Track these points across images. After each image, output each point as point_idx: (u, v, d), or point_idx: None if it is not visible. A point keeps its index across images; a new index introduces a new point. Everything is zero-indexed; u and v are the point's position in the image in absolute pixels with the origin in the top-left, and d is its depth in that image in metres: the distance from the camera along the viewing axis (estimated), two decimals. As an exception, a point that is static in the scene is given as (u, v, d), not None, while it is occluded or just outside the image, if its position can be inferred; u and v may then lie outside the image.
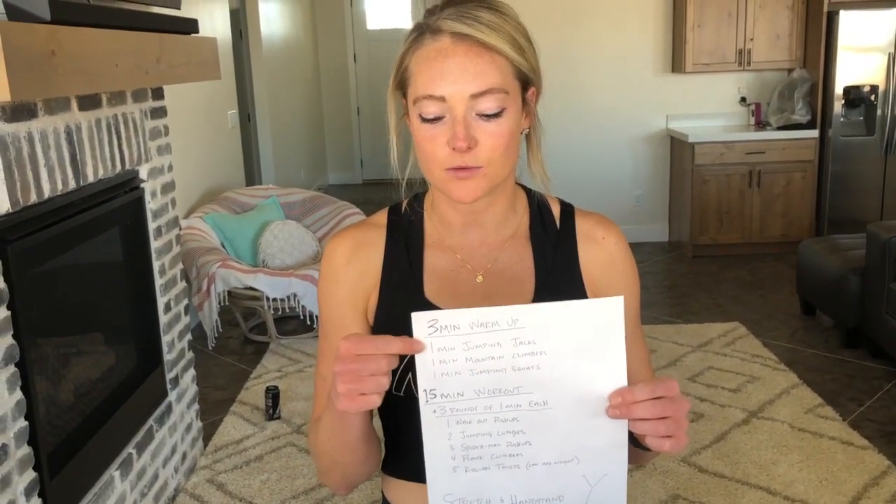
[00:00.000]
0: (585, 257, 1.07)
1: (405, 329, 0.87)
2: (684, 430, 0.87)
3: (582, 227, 1.09)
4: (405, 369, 1.00)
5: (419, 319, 0.85)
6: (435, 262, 1.06)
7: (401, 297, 1.05)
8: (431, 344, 0.86)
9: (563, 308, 0.86)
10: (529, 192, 1.11)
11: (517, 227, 1.08)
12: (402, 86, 1.00)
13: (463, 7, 0.95)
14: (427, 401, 0.87)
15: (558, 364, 0.87)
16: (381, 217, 1.11)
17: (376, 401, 0.85)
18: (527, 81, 0.99)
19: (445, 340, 0.85)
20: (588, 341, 0.86)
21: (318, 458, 1.06)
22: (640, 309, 1.12)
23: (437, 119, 0.94)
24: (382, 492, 1.15)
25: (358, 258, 1.07)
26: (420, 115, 0.95)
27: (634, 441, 0.94)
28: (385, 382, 0.85)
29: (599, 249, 1.07)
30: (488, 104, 0.93)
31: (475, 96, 0.93)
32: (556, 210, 1.10)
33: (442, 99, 0.93)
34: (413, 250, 1.07)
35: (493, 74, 0.93)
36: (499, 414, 0.88)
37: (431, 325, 0.85)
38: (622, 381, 0.87)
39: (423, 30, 0.97)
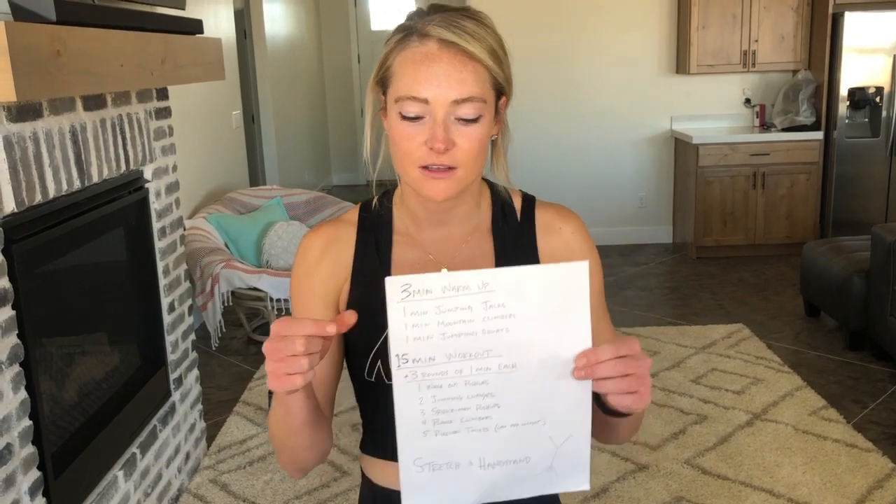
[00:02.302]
0: (544, 247, 1.12)
1: (375, 320, 0.92)
2: (647, 386, 0.90)
3: (542, 218, 1.14)
4: (375, 356, 1.05)
5: (392, 284, 0.86)
6: (403, 255, 1.11)
7: (371, 289, 1.07)
8: (404, 309, 0.87)
9: (532, 271, 0.89)
10: (493, 187, 1.16)
11: (480, 221, 1.13)
12: (383, 83, 1.04)
13: (449, 15, 0.99)
14: (399, 366, 0.88)
15: (526, 326, 0.89)
16: (353, 214, 1.16)
17: (299, 381, 0.87)
18: (500, 91, 1.04)
19: (418, 305, 0.87)
20: (554, 304, 0.89)
21: (271, 440, 1.10)
22: (604, 294, 1.17)
23: (417, 119, 0.98)
24: (362, 469, 1.20)
25: (330, 253, 1.12)
26: (401, 114, 0.99)
27: (605, 409, 0.97)
28: (304, 363, 0.86)
29: (557, 239, 1.12)
30: (467, 111, 0.98)
31: (457, 102, 0.97)
32: (517, 203, 1.15)
33: (425, 101, 0.97)
34: (382, 244, 1.12)
35: (473, 83, 0.98)
36: (469, 377, 0.89)
37: (405, 290, 0.86)
38: (587, 343, 0.90)
39: (411, 32, 1.01)
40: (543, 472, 0.95)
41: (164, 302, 2.73)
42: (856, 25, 5.29)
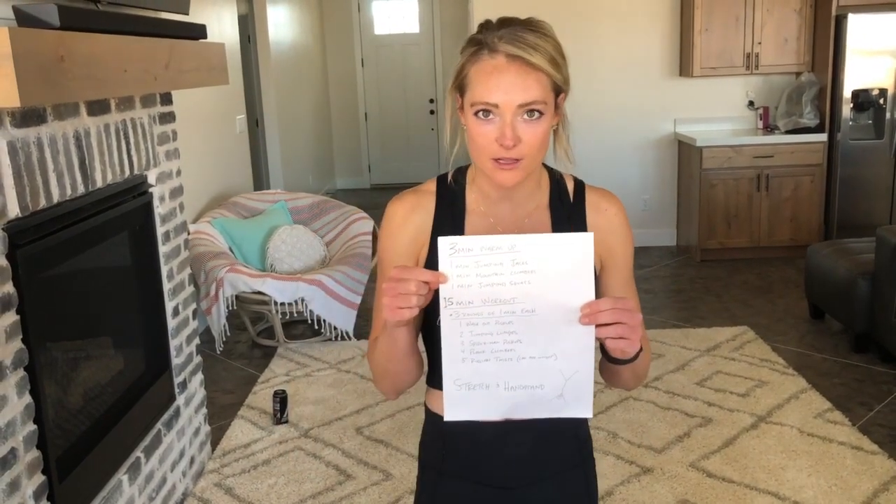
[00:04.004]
0: (592, 224, 1.32)
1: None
2: (637, 335, 1.13)
3: (591, 199, 1.34)
4: None
5: (443, 242, 1.10)
6: (475, 226, 1.30)
7: None
8: (451, 262, 1.10)
9: (549, 238, 1.13)
10: (551, 171, 1.35)
11: (540, 200, 1.32)
12: (460, 88, 1.23)
13: (514, 29, 1.17)
14: (446, 307, 1.11)
15: (544, 281, 1.11)
16: (431, 185, 1.34)
17: (406, 314, 1.10)
18: (559, 90, 1.22)
19: (462, 259, 1.10)
20: (566, 265, 1.11)
21: (374, 369, 1.31)
22: (632, 267, 1.36)
23: (489, 120, 1.18)
24: (425, 402, 1.41)
25: (413, 219, 1.30)
26: (476, 116, 1.19)
27: (609, 359, 1.20)
28: (413, 301, 1.09)
29: (603, 218, 1.32)
30: (530, 112, 1.17)
31: (521, 106, 1.16)
32: (570, 186, 1.35)
33: (496, 105, 1.16)
34: (457, 216, 1.30)
35: (536, 89, 1.16)
36: (498, 318, 1.12)
37: (452, 248, 1.10)
38: (591, 296, 1.12)
39: (482, 46, 1.19)
40: (555, 398, 1.17)
41: (169, 306, 2.74)
42: (859, 27, 5.29)
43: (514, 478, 1.34)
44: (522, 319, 1.12)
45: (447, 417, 1.18)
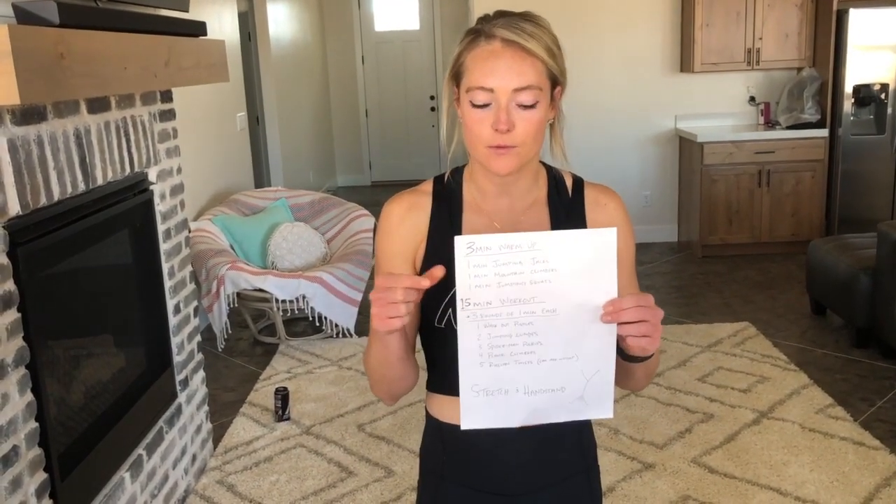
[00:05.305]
0: (592, 219, 1.30)
1: (445, 277, 1.08)
2: (658, 332, 1.12)
3: (590, 195, 1.33)
4: (446, 306, 1.24)
5: (459, 241, 1.06)
6: (472, 222, 1.29)
7: (443, 250, 1.22)
8: (469, 261, 1.06)
9: (571, 235, 1.08)
10: (549, 168, 1.34)
11: (538, 195, 1.31)
12: (456, 77, 1.22)
13: (511, 18, 1.18)
14: (463, 308, 1.07)
15: (565, 279, 1.07)
16: (428, 185, 1.33)
17: (397, 323, 1.07)
18: (556, 81, 1.22)
19: (479, 259, 1.05)
20: (588, 262, 1.07)
21: (369, 374, 1.29)
22: (635, 262, 1.35)
23: (484, 106, 1.17)
24: (426, 408, 1.39)
25: (409, 218, 1.29)
26: (471, 102, 1.18)
27: (624, 357, 1.16)
28: (402, 309, 1.06)
29: (603, 213, 1.31)
30: (526, 97, 1.16)
31: (517, 90, 1.16)
32: (569, 182, 1.34)
33: (491, 90, 1.16)
34: (454, 213, 1.29)
35: (531, 74, 1.16)
36: (518, 319, 1.08)
37: (469, 247, 1.05)
38: (613, 293, 1.09)
39: (479, 34, 1.19)
40: (576, 400, 1.13)
41: (170, 304, 2.74)
42: (860, 22, 5.28)
43: (516, 485, 1.31)
44: (543, 320, 1.08)
45: (464, 426, 1.14)
